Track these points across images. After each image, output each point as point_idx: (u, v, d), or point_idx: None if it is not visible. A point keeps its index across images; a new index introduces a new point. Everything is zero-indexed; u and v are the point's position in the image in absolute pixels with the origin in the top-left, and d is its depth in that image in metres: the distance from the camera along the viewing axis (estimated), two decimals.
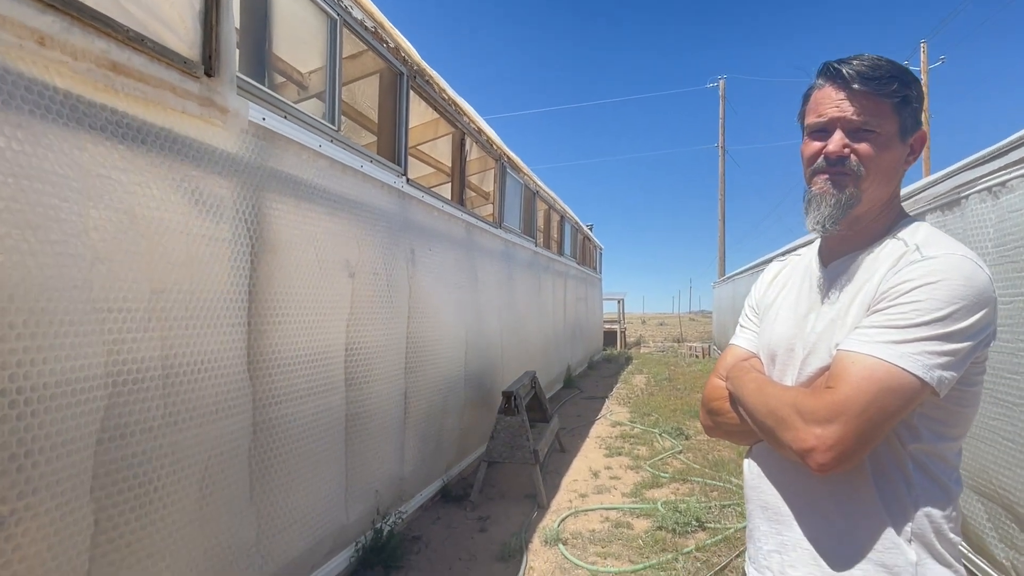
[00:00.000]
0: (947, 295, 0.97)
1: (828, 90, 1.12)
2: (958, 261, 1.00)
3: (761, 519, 1.20)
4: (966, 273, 0.98)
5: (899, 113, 1.09)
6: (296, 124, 2.84)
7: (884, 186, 1.12)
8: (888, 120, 1.09)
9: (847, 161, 1.10)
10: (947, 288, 0.97)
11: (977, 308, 0.97)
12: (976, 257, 1.02)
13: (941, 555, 1.03)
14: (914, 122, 1.11)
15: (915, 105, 1.10)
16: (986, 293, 0.98)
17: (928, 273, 0.99)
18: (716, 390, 1.30)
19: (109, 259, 1.80)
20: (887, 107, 1.09)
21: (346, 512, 3.28)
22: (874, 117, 1.08)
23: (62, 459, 1.66)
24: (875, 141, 1.09)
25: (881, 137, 1.09)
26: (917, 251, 1.04)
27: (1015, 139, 2.59)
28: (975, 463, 2.90)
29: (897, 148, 1.11)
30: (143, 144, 1.95)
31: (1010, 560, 2.69)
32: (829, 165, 1.11)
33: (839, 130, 1.10)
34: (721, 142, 25.43)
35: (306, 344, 2.88)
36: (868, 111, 1.08)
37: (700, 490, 5.00)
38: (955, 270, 0.99)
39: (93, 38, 1.74)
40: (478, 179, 7.60)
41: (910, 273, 1.01)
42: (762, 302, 1.37)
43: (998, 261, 2.67)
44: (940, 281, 0.98)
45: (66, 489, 1.68)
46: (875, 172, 1.09)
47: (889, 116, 1.09)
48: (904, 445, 1.04)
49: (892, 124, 1.09)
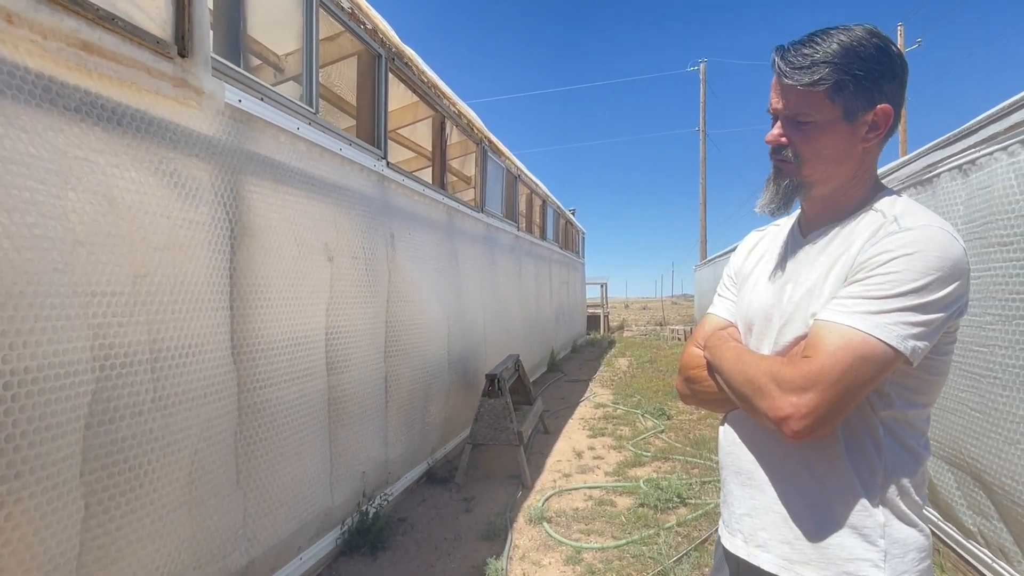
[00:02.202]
0: (923, 266, 0.98)
1: (774, 80, 1.15)
2: (935, 233, 1.01)
3: (735, 484, 1.23)
4: (942, 245, 1.00)
5: (835, 97, 1.08)
6: (273, 106, 2.81)
7: (836, 165, 1.13)
8: (823, 107, 1.09)
9: (783, 151, 1.14)
10: (923, 259, 0.99)
11: (951, 279, 0.99)
12: (952, 229, 1.04)
13: (906, 515, 1.07)
14: (863, 100, 1.08)
15: (855, 86, 1.07)
16: (960, 265, 1.00)
17: (905, 244, 1.01)
18: (694, 358, 1.32)
19: (90, 242, 1.79)
20: (819, 95, 1.08)
21: (331, 495, 3.29)
22: (807, 107, 1.10)
23: (47, 443, 1.65)
24: (810, 130, 1.11)
25: (817, 125, 1.10)
26: (895, 222, 1.05)
27: (983, 118, 2.65)
28: (945, 434, 2.99)
29: (842, 131, 1.10)
30: (119, 126, 1.93)
31: (977, 526, 2.79)
32: (773, 152, 1.17)
33: (779, 120, 1.15)
34: (702, 126, 25.54)
35: (287, 328, 2.87)
36: (801, 102, 1.10)
37: (681, 467, 5.09)
38: (932, 241, 1.00)
39: (62, 16, 1.71)
40: (459, 163, 7.58)
41: (888, 244, 1.02)
42: (741, 271, 1.38)
43: (968, 237, 2.74)
44: (917, 252, 0.99)
45: (53, 474, 1.67)
46: (813, 158, 1.12)
47: (823, 103, 1.08)
48: (876, 412, 1.07)
49: (829, 110, 1.09)
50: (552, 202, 11.89)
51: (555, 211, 12.52)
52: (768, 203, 1.19)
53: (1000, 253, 2.51)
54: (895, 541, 1.05)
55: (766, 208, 1.19)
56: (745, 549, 1.19)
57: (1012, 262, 2.44)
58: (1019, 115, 2.40)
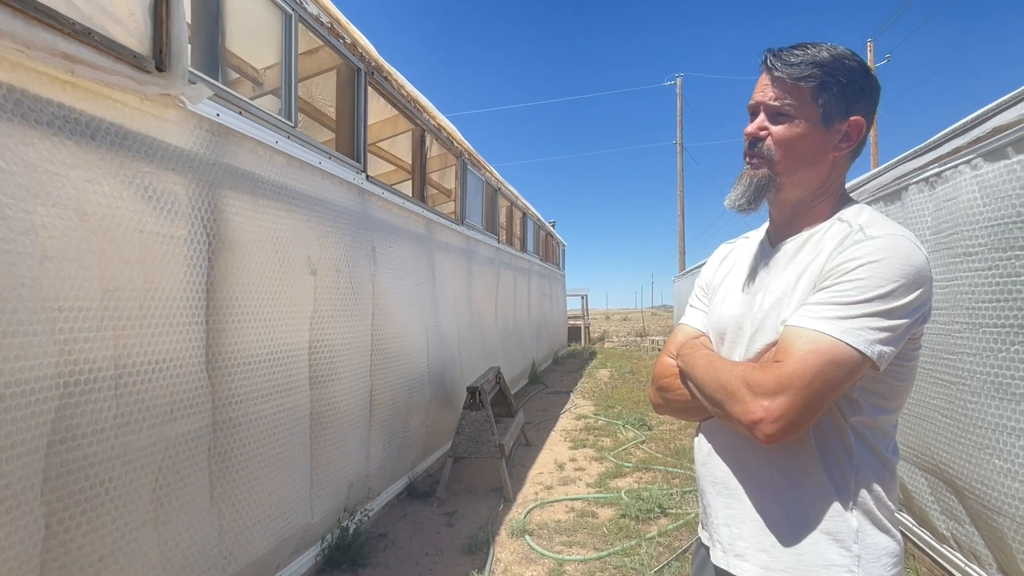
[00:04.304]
0: (889, 273, 1.02)
1: (761, 77, 1.19)
2: (899, 241, 1.05)
3: (712, 494, 1.24)
4: (907, 252, 1.04)
5: (818, 98, 1.13)
6: (252, 120, 2.81)
7: (807, 169, 1.17)
8: (806, 105, 1.13)
9: (761, 144, 1.17)
10: (888, 266, 1.02)
11: (915, 286, 1.03)
12: (914, 238, 1.08)
13: (880, 521, 1.09)
14: (841, 108, 1.14)
15: (838, 91, 1.13)
16: (923, 272, 1.04)
17: (872, 252, 1.04)
18: (666, 368, 1.33)
19: (59, 257, 1.76)
20: (805, 92, 1.13)
21: (311, 511, 3.25)
22: (791, 101, 1.14)
23: (12, 462, 1.62)
24: (790, 124, 1.14)
25: (798, 121, 1.14)
26: (861, 231, 1.09)
27: (947, 132, 2.73)
28: (918, 440, 3.05)
29: (818, 133, 1.15)
30: (93, 140, 1.91)
31: (950, 531, 2.84)
32: (749, 147, 1.19)
33: (761, 113, 1.18)
34: (679, 139, 25.87)
35: (268, 342, 2.85)
36: (787, 95, 1.14)
37: (662, 478, 5.11)
38: (897, 250, 1.04)
39: (39, 31, 1.70)
40: (439, 176, 7.59)
41: (855, 252, 1.06)
42: (711, 283, 1.41)
43: (935, 248, 2.81)
44: (882, 260, 1.03)
45: (15, 493, 1.64)
46: (788, 155, 1.15)
47: (806, 101, 1.13)
48: (846, 418, 1.09)
49: (810, 109, 1.13)
50: (532, 214, 11.95)
51: (535, 223, 12.57)
52: (738, 198, 1.20)
53: (966, 263, 2.58)
54: (868, 546, 1.07)
55: (735, 203, 1.20)
56: (724, 559, 1.20)
57: (978, 272, 2.51)
58: (980, 129, 2.48)
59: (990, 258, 2.43)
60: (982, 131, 2.47)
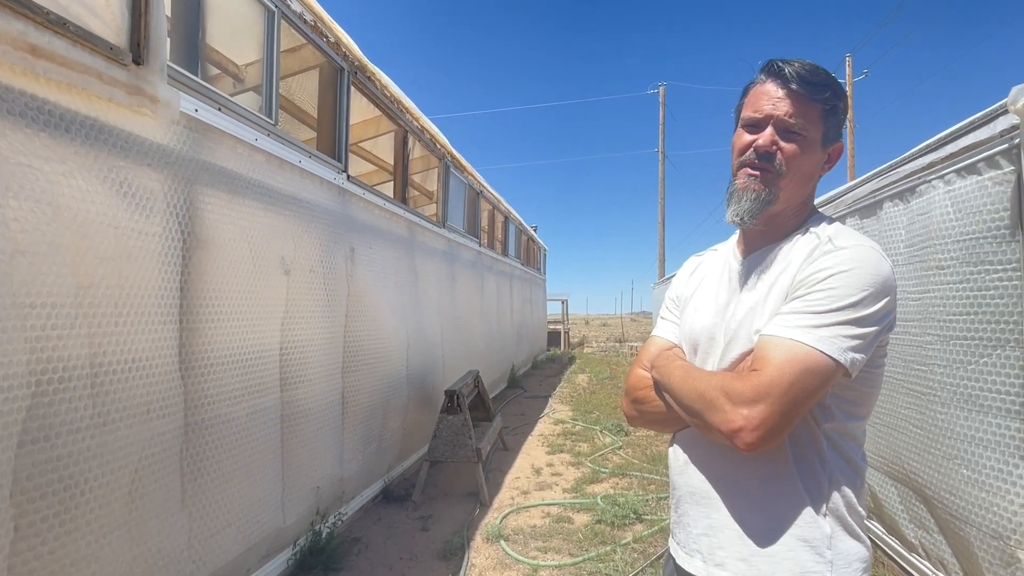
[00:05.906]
0: (858, 282, 1.05)
1: (768, 86, 1.18)
2: (867, 252, 1.09)
3: (689, 504, 1.24)
4: (874, 262, 1.07)
5: (825, 121, 1.16)
6: (231, 117, 2.77)
7: (800, 187, 1.19)
8: (815, 126, 1.16)
9: (773, 158, 1.16)
10: (857, 276, 1.06)
11: (883, 295, 1.06)
12: (880, 249, 1.12)
13: (851, 527, 1.11)
14: (836, 133, 1.19)
15: (840, 116, 1.18)
16: (890, 281, 1.08)
17: (841, 262, 1.07)
18: (640, 380, 1.33)
19: (31, 252, 1.72)
20: (816, 113, 1.15)
21: (283, 514, 3.21)
22: (804, 120, 1.15)
23: None
24: (800, 143, 1.15)
25: (806, 140, 1.15)
26: (830, 242, 1.12)
27: (922, 147, 2.78)
28: (889, 450, 3.10)
29: (818, 154, 1.18)
30: (67, 132, 1.86)
31: (919, 539, 2.89)
32: (758, 158, 1.17)
33: (772, 127, 1.16)
34: (661, 146, 26.11)
35: (240, 343, 2.80)
36: (800, 113, 1.15)
37: (639, 484, 5.14)
38: (864, 260, 1.07)
39: (8, 19, 1.65)
40: (421, 178, 7.56)
41: (825, 262, 1.09)
42: (682, 294, 1.42)
43: (909, 260, 2.87)
44: (852, 269, 1.06)
45: None
46: (795, 173, 1.16)
47: (816, 122, 1.16)
48: (819, 424, 1.11)
49: (817, 130, 1.16)
50: (514, 218, 11.96)
51: (517, 228, 12.59)
52: (745, 213, 1.18)
53: (938, 276, 2.63)
54: (840, 552, 1.09)
55: (742, 217, 1.19)
56: (705, 569, 1.20)
57: (949, 285, 2.56)
58: (954, 146, 2.54)
59: (961, 272, 2.48)
60: (955, 147, 2.52)
